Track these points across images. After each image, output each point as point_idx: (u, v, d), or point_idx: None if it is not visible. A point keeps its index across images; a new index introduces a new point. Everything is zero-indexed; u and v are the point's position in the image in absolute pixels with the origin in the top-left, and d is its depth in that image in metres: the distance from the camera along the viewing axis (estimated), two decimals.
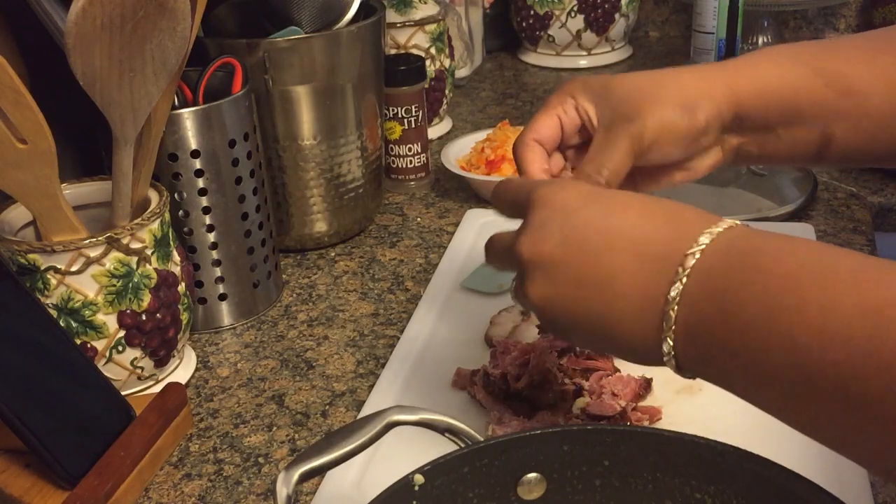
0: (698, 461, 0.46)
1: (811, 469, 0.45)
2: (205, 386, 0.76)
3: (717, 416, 0.65)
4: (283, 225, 0.93)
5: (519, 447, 0.47)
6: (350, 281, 0.91)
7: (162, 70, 0.64)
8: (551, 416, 0.64)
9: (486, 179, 1.01)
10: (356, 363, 0.78)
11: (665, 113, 0.57)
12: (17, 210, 0.71)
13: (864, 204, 0.98)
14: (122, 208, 0.70)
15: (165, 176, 0.77)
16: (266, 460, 0.67)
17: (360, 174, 0.95)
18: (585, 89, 0.61)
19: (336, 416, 0.71)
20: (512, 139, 1.03)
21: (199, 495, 0.64)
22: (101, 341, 0.69)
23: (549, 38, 1.49)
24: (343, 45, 0.88)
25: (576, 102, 0.61)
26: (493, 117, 1.30)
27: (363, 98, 0.92)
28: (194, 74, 0.81)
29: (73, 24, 0.57)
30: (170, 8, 0.60)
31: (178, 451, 0.69)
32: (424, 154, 1.08)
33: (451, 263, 0.89)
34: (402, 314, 0.84)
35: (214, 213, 0.80)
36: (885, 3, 1.41)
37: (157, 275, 0.70)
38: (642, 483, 0.48)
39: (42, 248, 0.66)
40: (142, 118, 0.66)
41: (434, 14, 1.18)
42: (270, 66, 0.85)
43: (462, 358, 0.74)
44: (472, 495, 0.47)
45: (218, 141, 0.78)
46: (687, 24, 1.54)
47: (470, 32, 1.42)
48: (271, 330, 0.84)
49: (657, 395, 0.68)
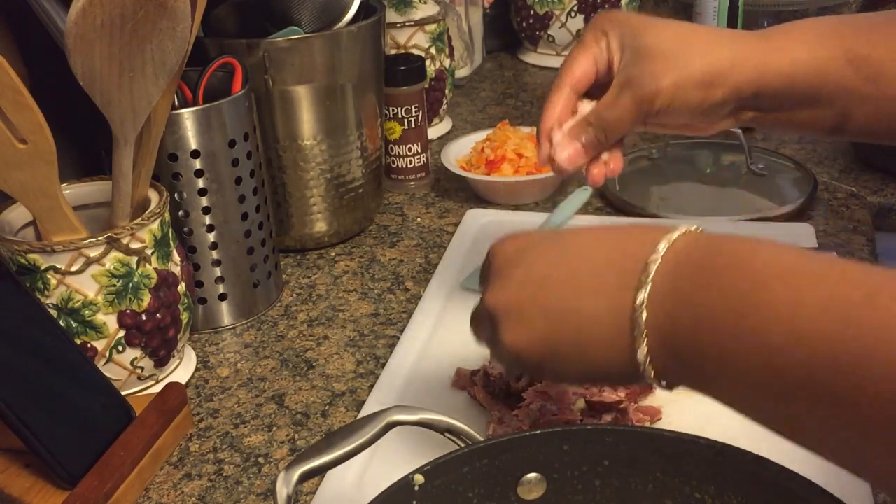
0: (698, 461, 0.46)
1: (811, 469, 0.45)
2: (205, 386, 0.76)
3: (717, 416, 0.65)
4: (283, 225, 0.93)
5: (519, 447, 0.47)
6: (350, 281, 0.91)
7: (162, 70, 0.64)
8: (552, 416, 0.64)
9: (486, 179, 1.01)
10: (356, 363, 0.78)
11: (682, 84, 0.57)
12: (17, 210, 0.71)
13: (864, 204, 0.98)
14: (122, 208, 0.70)
15: (165, 176, 0.77)
16: (266, 460, 0.67)
17: (360, 174, 0.95)
18: (617, 31, 0.60)
19: (336, 416, 0.71)
20: (512, 139, 1.03)
21: (199, 495, 0.64)
22: (101, 341, 0.69)
23: (549, 38, 1.49)
24: (343, 45, 0.88)
25: (608, 40, 0.60)
26: (493, 117, 1.30)
27: (363, 98, 0.92)
28: (194, 74, 0.81)
29: (73, 24, 0.57)
30: (170, 8, 0.60)
31: (178, 451, 0.69)
32: (424, 154, 1.08)
33: (451, 263, 0.90)
34: (402, 314, 0.84)
35: (214, 213, 0.80)
36: (886, 3, 1.41)
37: (157, 275, 0.70)
38: (642, 483, 0.48)
39: (42, 248, 0.66)
40: (142, 118, 0.66)
41: (434, 14, 1.18)
42: (270, 66, 0.85)
43: (462, 358, 0.74)
44: (472, 495, 0.47)
45: (218, 141, 0.78)
46: None
47: (470, 32, 1.42)
48: (271, 330, 0.84)
49: (657, 395, 0.68)
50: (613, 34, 0.60)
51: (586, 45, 0.61)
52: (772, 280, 0.39)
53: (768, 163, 1.04)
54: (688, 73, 0.57)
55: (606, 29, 0.61)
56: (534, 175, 1.00)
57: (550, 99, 0.62)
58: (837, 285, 0.37)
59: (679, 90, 0.57)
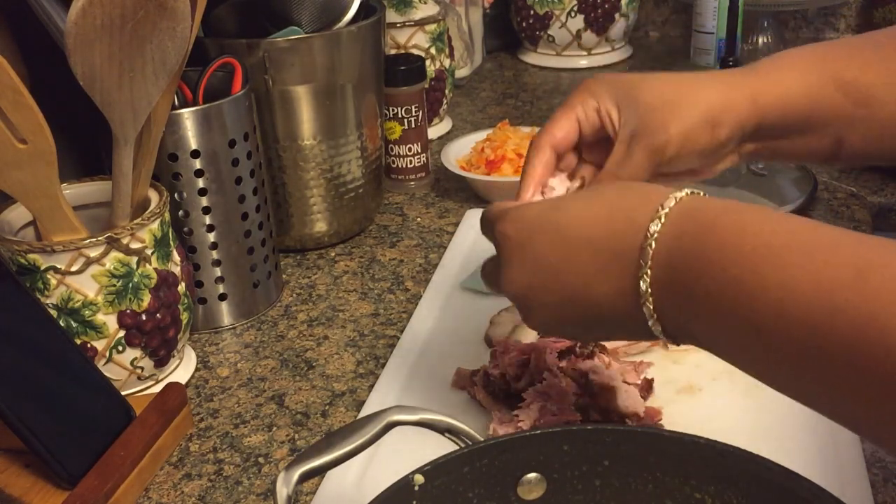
0: (698, 461, 0.46)
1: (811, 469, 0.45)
2: (205, 386, 0.76)
3: (717, 416, 0.65)
4: (283, 225, 0.93)
5: (519, 447, 0.47)
6: (350, 281, 0.91)
7: (162, 70, 0.64)
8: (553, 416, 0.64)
9: (486, 179, 1.01)
10: (356, 363, 0.78)
11: (689, 129, 0.58)
12: (17, 210, 0.71)
13: (864, 204, 0.98)
14: (122, 208, 0.70)
15: (165, 176, 0.77)
16: (266, 460, 0.67)
17: (360, 174, 0.95)
18: (610, 91, 0.61)
19: (336, 416, 0.71)
20: (512, 139, 1.03)
21: (199, 495, 0.64)
22: (101, 341, 0.69)
23: (549, 38, 1.49)
24: (343, 45, 0.88)
25: (598, 105, 0.61)
26: (493, 117, 1.30)
27: (363, 98, 0.92)
28: (194, 74, 0.81)
29: (73, 24, 0.57)
30: (170, 8, 0.60)
31: (178, 451, 0.69)
32: (424, 154, 1.08)
33: (451, 263, 0.89)
34: (402, 314, 0.84)
35: (214, 213, 0.80)
36: (885, 3, 1.41)
37: (157, 275, 0.70)
38: (642, 483, 0.48)
39: (42, 248, 0.66)
40: (142, 118, 0.66)
41: (434, 14, 1.18)
42: (270, 66, 0.85)
43: (462, 358, 0.74)
44: (472, 495, 0.47)
45: (218, 141, 0.78)
46: (687, 24, 1.54)
47: (470, 32, 1.42)
48: (271, 330, 0.84)
49: (657, 396, 0.68)
50: (605, 95, 0.61)
51: (570, 106, 0.61)
52: (762, 265, 0.40)
53: (768, 163, 1.04)
54: (692, 117, 0.58)
55: (596, 91, 0.61)
56: None
57: (530, 159, 0.62)
58: (827, 266, 0.38)
59: (687, 135, 0.58)
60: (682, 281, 0.44)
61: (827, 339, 0.37)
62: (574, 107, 0.61)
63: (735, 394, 0.67)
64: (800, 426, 0.63)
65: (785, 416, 0.64)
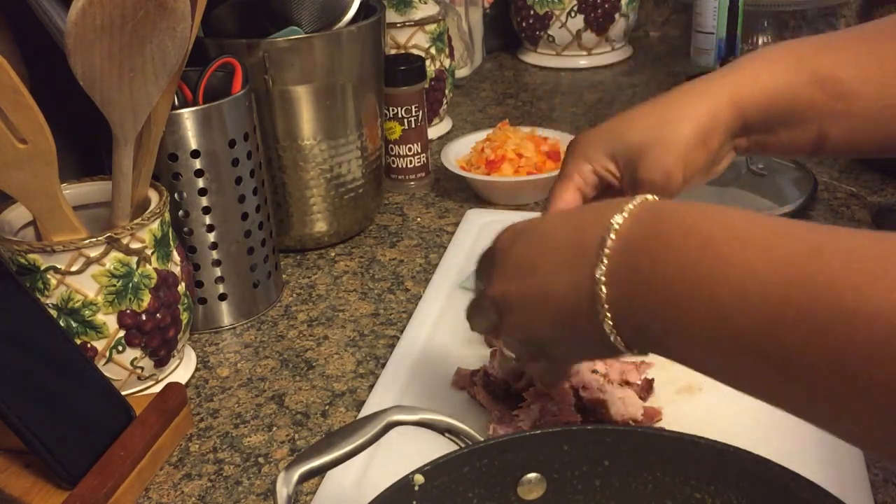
0: (698, 461, 0.46)
1: (811, 469, 0.45)
2: (205, 386, 0.76)
3: (717, 416, 0.65)
4: (283, 225, 0.93)
5: (519, 447, 0.47)
6: (350, 281, 0.91)
7: (162, 70, 0.64)
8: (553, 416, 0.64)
9: (486, 179, 1.01)
10: (356, 363, 0.78)
11: (685, 155, 0.58)
12: (17, 210, 0.71)
13: (864, 204, 0.98)
14: (122, 208, 0.70)
15: (165, 176, 0.77)
16: (266, 460, 0.67)
17: (360, 174, 0.95)
18: (599, 146, 0.61)
19: (336, 416, 0.71)
20: (512, 139, 1.03)
21: (199, 495, 0.64)
22: (101, 341, 0.69)
23: (549, 38, 1.49)
24: (343, 45, 0.88)
25: (592, 166, 0.61)
26: (493, 117, 1.30)
27: (363, 98, 0.92)
28: (194, 74, 0.81)
29: (73, 25, 0.57)
30: (170, 8, 0.60)
31: (178, 451, 0.69)
32: (424, 154, 1.08)
33: (451, 263, 0.89)
34: (402, 314, 0.84)
35: (214, 213, 0.80)
36: (885, 3, 1.41)
37: (157, 275, 0.70)
38: (642, 483, 0.48)
39: (42, 248, 0.66)
40: (142, 118, 0.66)
41: (434, 14, 1.18)
42: (270, 66, 0.85)
43: (462, 358, 0.74)
44: (472, 495, 0.47)
45: (218, 141, 0.78)
46: (687, 24, 1.54)
47: (470, 32, 1.42)
48: (271, 330, 0.84)
49: (657, 396, 0.68)
50: (596, 153, 0.61)
51: (568, 177, 0.62)
52: (720, 244, 0.40)
53: (768, 163, 1.04)
54: (682, 142, 0.58)
55: (586, 153, 0.61)
56: (534, 175, 1.00)
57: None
58: (784, 244, 0.39)
59: (686, 161, 0.59)
60: (638, 268, 0.43)
61: (784, 313, 0.37)
62: (571, 177, 0.61)
63: (735, 394, 0.66)
64: (800, 426, 0.63)
65: (785, 416, 0.63)
